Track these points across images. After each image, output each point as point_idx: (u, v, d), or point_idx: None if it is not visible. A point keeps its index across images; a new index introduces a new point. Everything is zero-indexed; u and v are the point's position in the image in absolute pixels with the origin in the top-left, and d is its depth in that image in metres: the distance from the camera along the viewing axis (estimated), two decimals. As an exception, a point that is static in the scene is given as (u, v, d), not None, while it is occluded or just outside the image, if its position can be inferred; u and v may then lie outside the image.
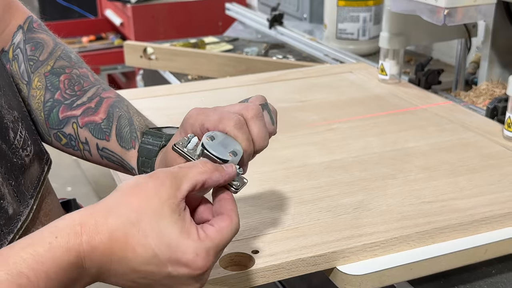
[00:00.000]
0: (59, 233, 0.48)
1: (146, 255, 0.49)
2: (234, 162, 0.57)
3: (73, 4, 3.75)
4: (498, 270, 0.73)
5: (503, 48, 1.27)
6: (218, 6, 2.59)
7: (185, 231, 0.49)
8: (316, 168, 0.88)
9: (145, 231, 0.49)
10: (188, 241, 0.49)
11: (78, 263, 0.48)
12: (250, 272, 0.64)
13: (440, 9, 1.02)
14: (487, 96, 1.21)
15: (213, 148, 0.57)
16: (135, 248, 0.49)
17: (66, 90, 0.70)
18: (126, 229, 0.49)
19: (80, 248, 0.48)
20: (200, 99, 0.73)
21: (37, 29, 0.74)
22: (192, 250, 0.49)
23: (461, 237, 0.73)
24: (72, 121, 0.70)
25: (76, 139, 0.70)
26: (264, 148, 0.60)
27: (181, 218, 0.50)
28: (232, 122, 0.58)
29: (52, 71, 0.71)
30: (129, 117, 0.70)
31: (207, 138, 0.57)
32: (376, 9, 1.64)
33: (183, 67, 1.54)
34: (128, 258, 0.49)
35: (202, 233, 0.51)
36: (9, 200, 0.59)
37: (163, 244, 0.49)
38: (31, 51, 0.71)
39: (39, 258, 0.46)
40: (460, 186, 0.82)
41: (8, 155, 0.60)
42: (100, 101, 0.70)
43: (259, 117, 0.60)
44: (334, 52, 1.57)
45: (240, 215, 0.74)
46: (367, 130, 1.01)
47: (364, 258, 0.69)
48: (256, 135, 0.59)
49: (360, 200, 0.79)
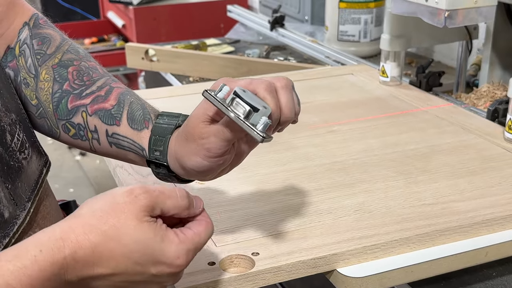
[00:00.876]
0: (43, 247, 0.50)
1: (130, 264, 0.52)
2: (265, 114, 0.57)
3: (75, 6, 3.75)
4: (499, 273, 0.73)
5: (504, 50, 1.27)
6: (219, 8, 2.60)
7: (166, 238, 0.53)
8: (317, 170, 0.88)
9: (128, 245, 0.52)
10: (170, 246, 0.53)
11: (61, 274, 0.51)
12: (251, 274, 0.64)
13: (441, 11, 1.02)
14: (488, 98, 1.21)
15: (245, 96, 0.57)
16: (118, 259, 0.52)
17: (75, 81, 0.70)
18: (108, 245, 0.52)
19: (63, 262, 0.50)
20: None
21: (43, 25, 0.73)
22: (174, 252, 0.53)
23: (461, 239, 0.73)
24: (81, 110, 0.69)
25: (85, 128, 0.69)
26: (289, 121, 0.61)
27: (159, 228, 0.53)
28: (262, 85, 0.59)
29: (60, 63, 0.71)
30: (141, 103, 0.70)
31: (239, 89, 0.57)
32: (377, 11, 1.64)
33: (184, 69, 1.55)
34: (110, 267, 0.52)
35: (182, 236, 0.54)
36: (5, 204, 0.59)
37: (147, 255, 0.52)
38: (38, 46, 0.71)
39: (25, 271, 0.49)
40: (461, 188, 0.82)
41: (5, 158, 0.60)
42: (109, 90, 0.70)
43: (288, 88, 0.61)
44: (335, 54, 1.57)
45: (241, 217, 0.75)
46: (367, 132, 1.01)
47: (364, 260, 0.69)
48: (284, 104, 0.60)
49: (360, 202, 0.79)
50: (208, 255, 0.66)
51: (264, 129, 0.56)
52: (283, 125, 0.62)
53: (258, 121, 0.56)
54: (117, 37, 3.16)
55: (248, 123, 0.56)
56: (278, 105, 0.59)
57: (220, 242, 0.69)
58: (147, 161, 0.67)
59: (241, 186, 0.83)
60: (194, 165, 0.62)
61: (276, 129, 0.62)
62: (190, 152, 0.61)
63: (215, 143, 0.59)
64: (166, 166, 0.66)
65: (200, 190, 0.81)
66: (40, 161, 0.68)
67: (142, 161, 0.69)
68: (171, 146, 0.65)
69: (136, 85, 2.74)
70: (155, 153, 0.66)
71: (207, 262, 0.65)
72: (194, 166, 0.62)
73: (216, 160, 0.61)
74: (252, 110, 0.56)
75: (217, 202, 0.79)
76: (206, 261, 0.65)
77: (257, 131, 0.56)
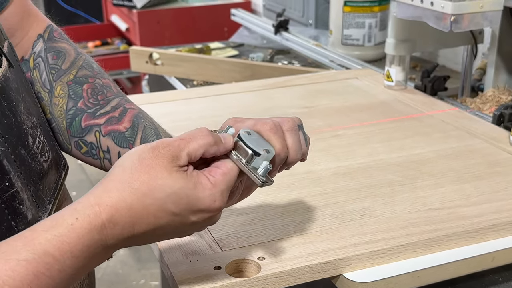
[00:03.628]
0: (79, 215, 0.51)
1: (168, 217, 0.54)
2: (267, 159, 0.58)
3: (79, 10, 3.76)
4: (505, 278, 0.72)
5: (509, 54, 1.27)
6: (223, 11, 2.60)
7: (199, 184, 0.54)
8: (322, 175, 0.87)
9: (161, 198, 0.53)
10: (204, 191, 0.54)
11: (102, 240, 0.52)
12: (257, 279, 0.64)
13: (446, 16, 1.02)
14: (494, 103, 1.21)
15: (248, 140, 0.58)
16: (156, 214, 0.54)
17: (89, 99, 0.71)
18: (143, 202, 0.53)
19: (102, 227, 0.52)
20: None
21: (57, 38, 0.74)
22: (209, 197, 0.55)
23: (468, 244, 0.72)
24: (95, 130, 0.70)
25: (98, 148, 0.71)
26: (296, 161, 0.62)
27: (190, 175, 0.54)
28: (267, 126, 0.61)
29: (75, 80, 0.72)
30: (155, 127, 0.72)
31: (244, 132, 0.59)
32: (382, 15, 1.64)
33: (188, 73, 1.55)
34: (150, 223, 0.54)
35: (212, 179, 0.55)
36: (28, 206, 0.59)
37: (182, 204, 0.54)
38: (53, 60, 0.72)
39: (63, 238, 0.50)
40: (467, 193, 0.81)
41: (27, 161, 0.61)
42: (124, 111, 0.71)
43: (294, 130, 0.62)
44: (339, 58, 1.57)
45: (246, 222, 0.74)
46: (372, 137, 1.01)
47: (370, 265, 0.68)
48: (290, 146, 0.61)
49: (366, 206, 0.78)
50: (214, 259, 0.66)
51: (264, 174, 0.58)
52: (289, 165, 0.63)
53: (260, 165, 0.58)
54: (120, 41, 3.16)
55: (249, 167, 0.58)
56: (284, 146, 0.61)
57: (226, 247, 0.69)
58: None
59: (246, 190, 0.82)
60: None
61: (283, 168, 0.63)
62: None
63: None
64: None
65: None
66: (59, 164, 0.69)
67: None
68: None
69: (139, 88, 2.75)
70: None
71: (213, 266, 0.65)
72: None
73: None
74: (254, 154, 0.58)
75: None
76: (212, 266, 0.65)
77: (257, 175, 0.58)
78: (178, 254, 0.67)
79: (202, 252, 0.68)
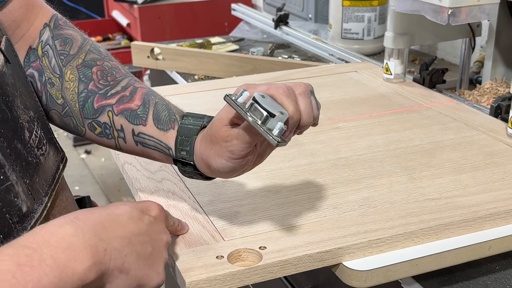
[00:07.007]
0: (50, 223, 0.53)
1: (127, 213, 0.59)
2: (281, 120, 0.59)
3: (80, 5, 3.77)
4: (502, 266, 0.74)
5: (506, 47, 1.28)
6: (224, 6, 2.61)
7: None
8: (322, 166, 0.89)
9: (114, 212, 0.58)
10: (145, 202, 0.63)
11: (76, 232, 0.52)
12: (258, 268, 0.65)
13: (444, 9, 1.03)
14: (491, 95, 1.22)
15: (263, 102, 0.59)
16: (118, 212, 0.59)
17: (100, 81, 0.72)
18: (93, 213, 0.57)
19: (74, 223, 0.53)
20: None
21: (63, 26, 0.75)
22: (149, 203, 0.64)
23: (465, 233, 0.74)
24: (107, 110, 0.71)
25: (111, 127, 0.72)
26: (308, 125, 0.64)
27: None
28: (281, 89, 0.62)
29: (84, 63, 0.73)
30: (166, 103, 0.73)
31: (259, 95, 0.60)
32: (381, 9, 1.65)
33: (189, 67, 1.56)
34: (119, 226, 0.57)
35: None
36: (23, 198, 0.60)
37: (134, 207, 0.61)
38: (61, 46, 0.73)
39: (37, 230, 0.51)
40: (464, 183, 0.83)
41: (23, 154, 0.62)
42: (134, 90, 0.72)
43: (306, 94, 0.63)
44: (339, 52, 1.58)
45: (248, 212, 0.76)
46: (372, 129, 1.02)
47: (369, 254, 0.70)
48: (303, 109, 0.62)
49: (365, 197, 0.80)
50: (217, 249, 0.68)
51: (279, 134, 0.59)
52: (302, 129, 0.64)
53: (275, 126, 0.59)
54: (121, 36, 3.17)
55: (264, 128, 0.59)
56: (297, 109, 0.62)
57: (228, 237, 0.71)
58: (174, 159, 0.70)
59: (249, 181, 0.84)
60: (219, 166, 0.65)
61: (296, 132, 0.64)
62: (215, 154, 0.65)
63: (238, 146, 0.63)
64: (192, 164, 0.69)
65: (208, 185, 0.82)
66: (57, 157, 0.70)
67: (167, 159, 0.72)
68: (197, 147, 0.68)
69: (141, 83, 2.76)
70: (181, 152, 0.69)
71: (215, 256, 0.66)
72: (219, 167, 0.65)
73: (240, 161, 0.64)
74: (269, 115, 0.59)
75: (225, 197, 0.80)
76: (214, 255, 0.66)
77: (273, 136, 0.59)
78: (181, 244, 0.69)
79: (205, 242, 0.69)
